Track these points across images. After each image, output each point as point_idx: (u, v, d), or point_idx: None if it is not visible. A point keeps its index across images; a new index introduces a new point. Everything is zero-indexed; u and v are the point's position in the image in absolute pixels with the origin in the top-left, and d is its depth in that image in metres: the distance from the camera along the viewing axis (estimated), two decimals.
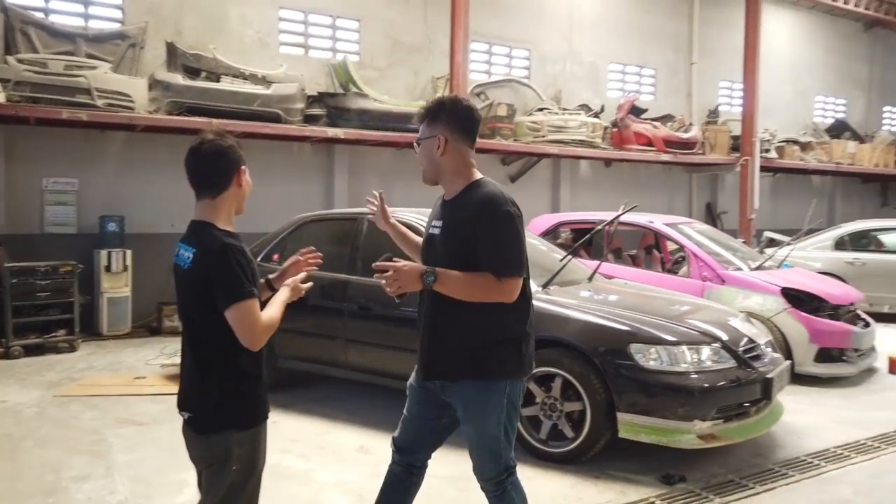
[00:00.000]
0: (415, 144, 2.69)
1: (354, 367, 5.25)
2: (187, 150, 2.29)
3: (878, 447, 4.62)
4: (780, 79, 15.98)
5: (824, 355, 6.29)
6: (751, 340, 4.46)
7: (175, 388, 2.41)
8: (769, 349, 4.65)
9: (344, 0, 10.50)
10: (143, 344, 7.87)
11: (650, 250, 8.18)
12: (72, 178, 8.58)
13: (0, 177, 8.17)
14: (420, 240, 2.90)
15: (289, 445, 4.51)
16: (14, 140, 8.26)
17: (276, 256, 5.88)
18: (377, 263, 2.46)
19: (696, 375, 4.03)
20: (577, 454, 4.16)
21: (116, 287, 8.29)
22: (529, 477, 3.77)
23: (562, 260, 5.10)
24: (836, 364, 6.36)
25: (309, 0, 10.24)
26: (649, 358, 4.05)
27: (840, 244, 10.10)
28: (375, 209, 2.93)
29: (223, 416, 2.20)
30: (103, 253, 8.21)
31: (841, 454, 4.48)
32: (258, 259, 5.62)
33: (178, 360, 6.68)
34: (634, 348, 4.06)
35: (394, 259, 2.47)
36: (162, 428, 4.85)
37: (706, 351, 4.15)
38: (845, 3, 15.12)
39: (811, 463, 4.32)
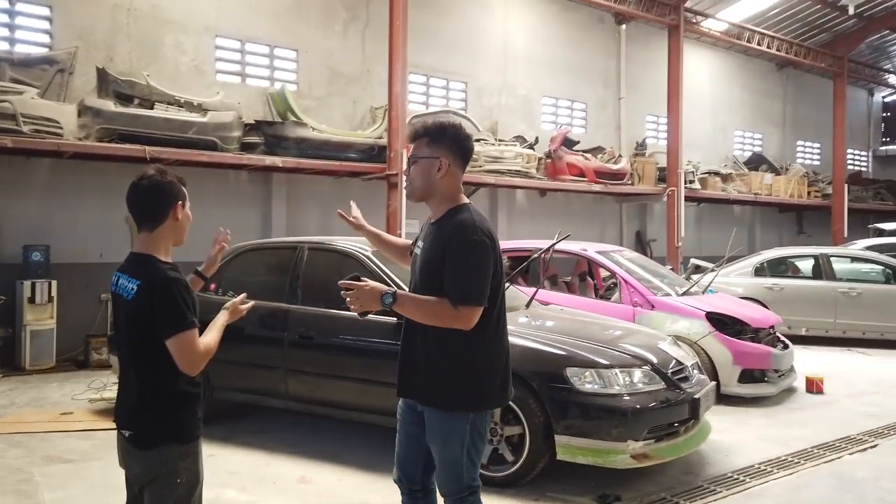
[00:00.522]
0: (408, 161, 2.76)
1: (295, 397, 5.20)
2: (129, 185, 2.40)
3: (798, 462, 4.89)
4: (702, 114, 16.88)
5: (747, 376, 6.62)
6: (679, 363, 4.67)
7: (105, 424, 2.43)
8: (696, 371, 4.88)
9: (281, 29, 10.55)
10: (68, 378, 7.55)
11: (584, 277, 8.46)
12: None
13: None
14: (394, 240, 3.23)
15: (228, 479, 4.42)
16: None
17: (213, 286, 5.80)
18: (343, 281, 2.55)
19: (628, 397, 4.20)
20: (517, 477, 4.24)
21: (40, 319, 7.96)
22: None
23: None
24: (759, 384, 6.69)
25: (246, 29, 10.24)
26: (584, 381, 4.19)
27: (759, 270, 10.64)
28: (352, 220, 3.14)
29: (165, 432, 2.29)
30: (27, 284, 7.88)
31: (764, 470, 4.72)
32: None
33: (107, 394, 6.50)
34: (570, 372, 4.20)
35: (361, 279, 2.56)
36: (92, 465, 4.67)
37: (637, 373, 4.33)
38: (759, 44, 16.15)
39: (737, 479, 4.53)
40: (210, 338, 2.33)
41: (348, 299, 2.52)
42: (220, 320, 2.45)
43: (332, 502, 4.13)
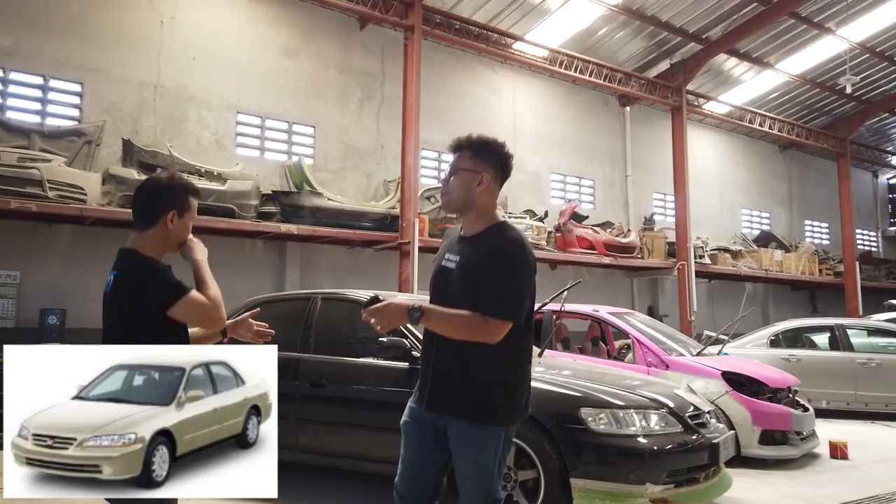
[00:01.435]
0: (449, 171, 2.78)
1: (305, 448, 5.10)
2: None
3: None
4: (709, 193, 17.16)
5: (768, 438, 6.42)
6: (696, 408, 4.59)
7: None
8: (713, 419, 4.78)
9: (300, 107, 11.01)
10: None
11: (597, 342, 8.37)
12: (14, 271, 8.41)
13: None
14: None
15: None
16: None
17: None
18: (365, 307, 2.53)
19: (644, 439, 4.11)
20: None
21: None
22: None
23: None
24: (781, 447, 6.49)
25: (266, 106, 10.70)
26: (600, 422, 4.12)
27: (774, 342, 10.48)
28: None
29: None
30: None
31: None
32: None
33: None
34: (585, 412, 4.13)
35: (380, 298, 2.55)
36: None
37: (654, 416, 4.25)
38: (761, 125, 16.61)
39: None
40: (207, 288, 2.35)
41: (373, 320, 2.49)
42: (199, 258, 2.46)
43: None
